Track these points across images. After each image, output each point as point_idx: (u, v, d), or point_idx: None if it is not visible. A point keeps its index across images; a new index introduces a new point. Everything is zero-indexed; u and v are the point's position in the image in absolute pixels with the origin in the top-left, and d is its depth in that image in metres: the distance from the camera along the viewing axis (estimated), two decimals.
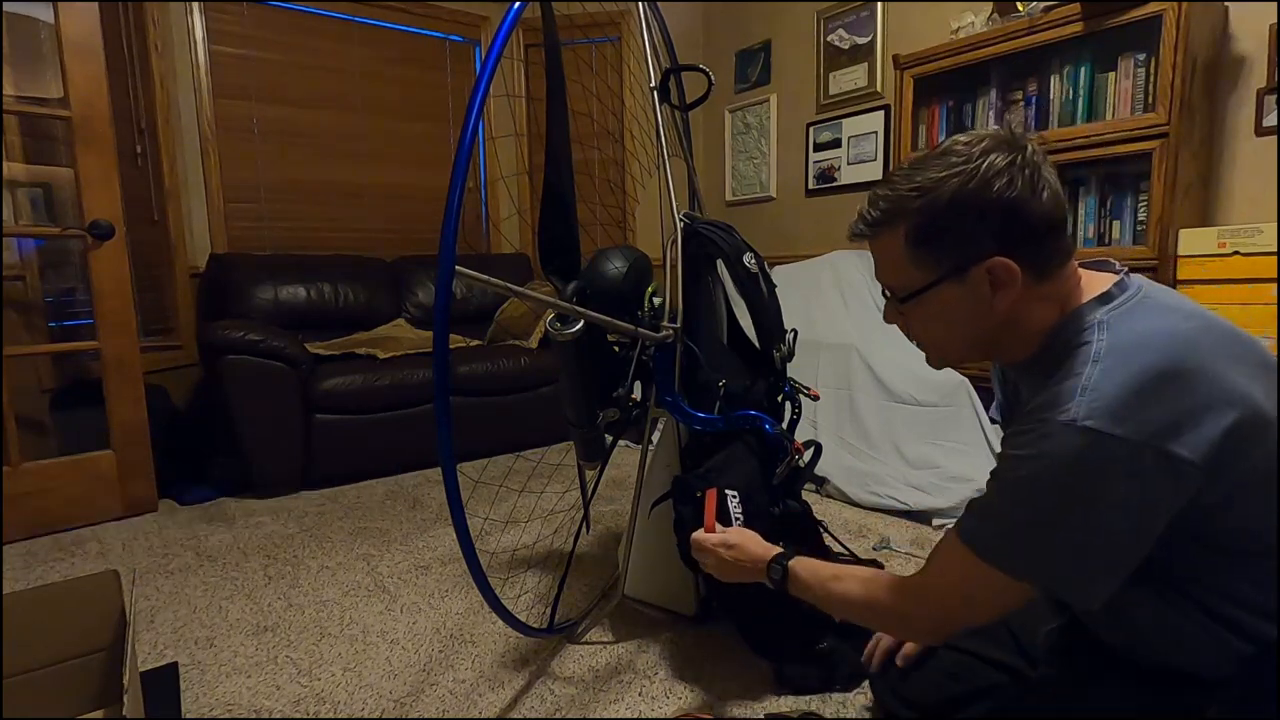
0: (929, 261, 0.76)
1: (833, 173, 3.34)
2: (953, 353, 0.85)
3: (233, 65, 3.09)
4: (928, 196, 0.73)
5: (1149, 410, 0.65)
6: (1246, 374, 0.68)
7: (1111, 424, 0.65)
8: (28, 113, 2.27)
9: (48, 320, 2.49)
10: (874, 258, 0.83)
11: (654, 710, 1.22)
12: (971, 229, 0.73)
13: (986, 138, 0.73)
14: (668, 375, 1.37)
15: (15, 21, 2.26)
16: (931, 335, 0.84)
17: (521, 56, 3.76)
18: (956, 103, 2.59)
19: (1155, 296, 0.75)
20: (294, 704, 1.26)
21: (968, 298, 0.76)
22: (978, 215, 0.72)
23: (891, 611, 0.86)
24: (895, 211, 0.76)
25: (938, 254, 0.75)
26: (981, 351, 0.83)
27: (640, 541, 1.52)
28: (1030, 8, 2.27)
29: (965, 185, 0.71)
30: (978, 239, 0.73)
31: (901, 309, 0.83)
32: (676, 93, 1.71)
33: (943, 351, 0.85)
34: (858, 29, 3.15)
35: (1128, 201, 2.19)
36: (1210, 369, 0.66)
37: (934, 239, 0.75)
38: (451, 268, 0.99)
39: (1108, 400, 0.66)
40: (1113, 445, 0.65)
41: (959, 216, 0.72)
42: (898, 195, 0.76)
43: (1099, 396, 0.66)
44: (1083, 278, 0.78)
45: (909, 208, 0.75)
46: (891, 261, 0.79)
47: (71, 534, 2.15)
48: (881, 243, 0.80)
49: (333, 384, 2.53)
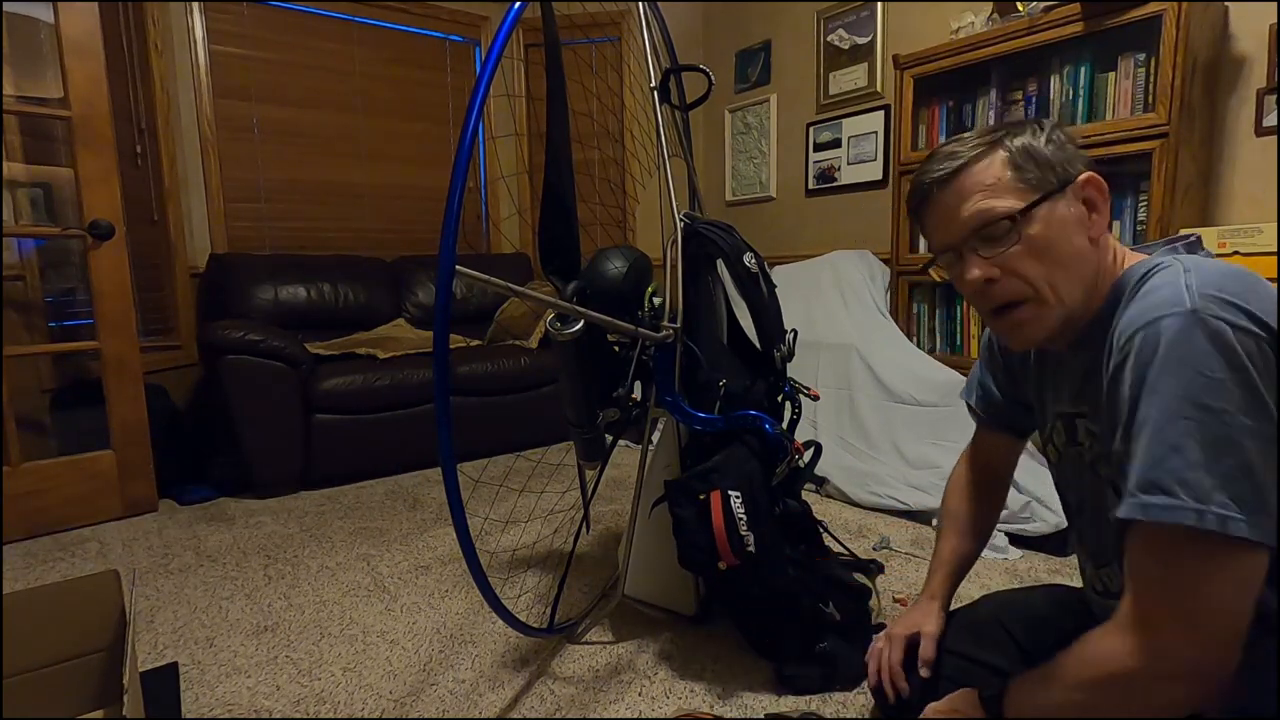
0: (1033, 180, 0.76)
1: (833, 173, 3.34)
2: (1066, 288, 0.76)
3: (233, 65, 3.09)
4: (1023, 125, 0.79)
5: (1265, 309, 0.63)
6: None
7: (1233, 314, 0.62)
8: (28, 113, 2.27)
9: (48, 320, 2.49)
10: (961, 199, 0.77)
11: (654, 710, 1.22)
12: (1065, 152, 0.77)
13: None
14: (668, 375, 1.37)
15: (15, 21, 2.26)
16: (1040, 273, 0.75)
17: (521, 56, 3.77)
18: (956, 103, 2.59)
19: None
20: (294, 704, 1.26)
21: (1068, 217, 0.76)
22: (1065, 141, 0.78)
23: (1145, 672, 0.66)
24: (991, 142, 0.78)
25: (1041, 171, 0.76)
26: (1085, 295, 0.77)
27: (640, 541, 1.52)
28: (1030, 8, 2.27)
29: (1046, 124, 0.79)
30: (1069, 161, 0.77)
31: (1006, 244, 0.75)
32: (676, 93, 1.71)
33: (1054, 285, 0.76)
34: (858, 29, 3.15)
35: (1128, 201, 2.19)
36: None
37: (1035, 158, 0.76)
38: (451, 268, 0.99)
39: (1215, 289, 0.64)
40: (1244, 335, 0.62)
41: (1052, 141, 0.77)
42: (983, 134, 0.79)
43: (1205, 283, 0.64)
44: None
45: (1001, 138, 0.77)
46: (993, 185, 0.76)
47: (71, 534, 2.15)
48: (977, 173, 0.77)
49: (333, 384, 2.53)
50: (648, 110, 1.43)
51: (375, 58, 3.47)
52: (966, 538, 1.10)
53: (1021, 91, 2.40)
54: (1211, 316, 0.63)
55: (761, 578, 1.26)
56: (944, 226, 0.80)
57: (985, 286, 0.77)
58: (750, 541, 1.21)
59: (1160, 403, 0.64)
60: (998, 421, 1.07)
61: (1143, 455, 0.65)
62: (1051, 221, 0.75)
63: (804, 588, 1.30)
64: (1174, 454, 0.63)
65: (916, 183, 0.82)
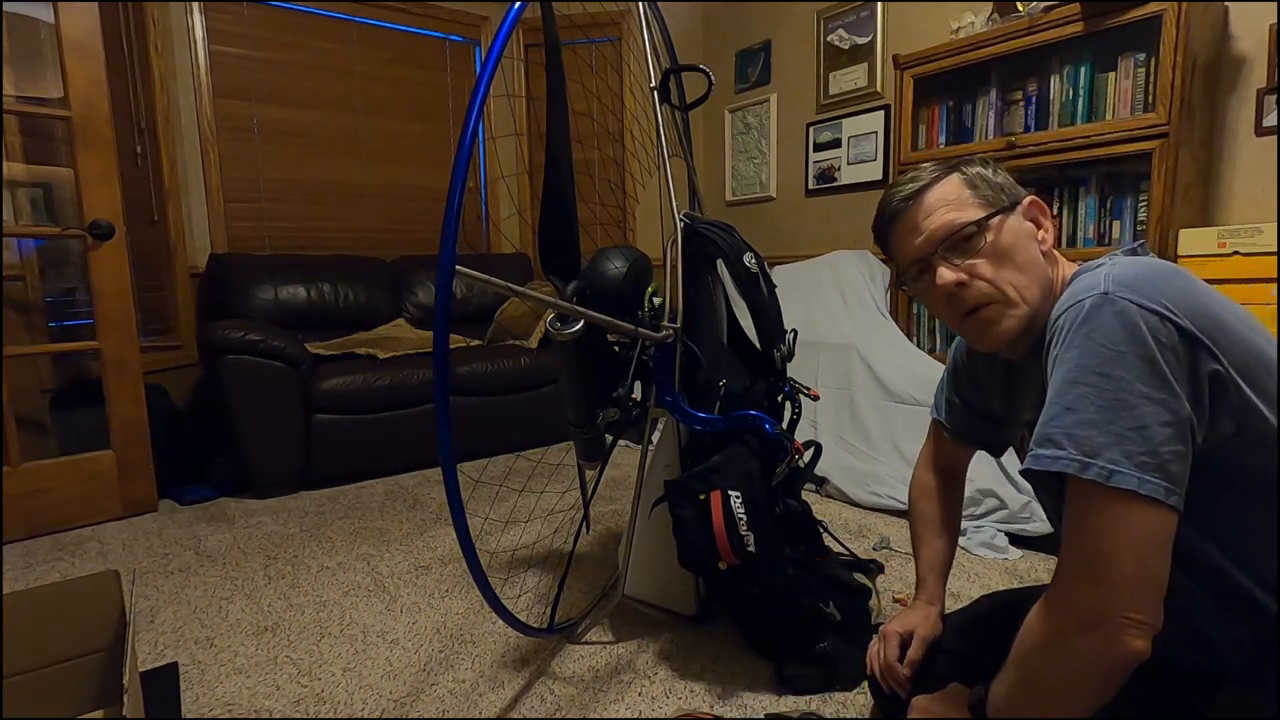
0: (987, 198, 0.85)
1: (833, 173, 3.34)
2: (1029, 291, 0.83)
3: (233, 65, 3.09)
4: (965, 161, 0.89)
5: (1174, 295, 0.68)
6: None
7: (1140, 296, 0.67)
8: (28, 113, 2.27)
9: (48, 320, 2.49)
10: (926, 214, 0.86)
11: (654, 710, 1.22)
12: (1005, 178, 0.88)
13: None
14: (668, 375, 1.37)
15: (15, 21, 2.26)
16: (1004, 277, 0.83)
17: (521, 56, 3.76)
18: (956, 103, 2.59)
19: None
20: (294, 704, 1.26)
21: (1021, 230, 0.84)
22: (1004, 174, 0.89)
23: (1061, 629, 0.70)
24: (947, 169, 0.88)
25: (991, 191, 0.86)
26: (1042, 297, 0.83)
27: (640, 541, 1.52)
28: (1030, 8, 2.27)
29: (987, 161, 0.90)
30: (1013, 186, 0.88)
31: (973, 250, 0.83)
32: (676, 93, 1.71)
33: (1017, 287, 0.83)
34: (858, 29, 3.15)
35: (1128, 201, 2.19)
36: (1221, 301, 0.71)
37: (987, 180, 0.87)
38: (451, 268, 0.99)
39: (1130, 278, 0.69)
40: (1148, 314, 0.66)
41: (996, 172, 0.88)
42: (937, 164, 0.89)
43: (1123, 273, 0.70)
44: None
45: (955, 165, 0.88)
46: (954, 201, 0.85)
47: (71, 534, 2.15)
48: (939, 191, 0.86)
49: (333, 384, 2.53)
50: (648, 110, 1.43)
51: (375, 58, 3.47)
52: (944, 537, 1.15)
53: (1021, 91, 2.40)
54: (1119, 298, 0.68)
55: (761, 578, 1.26)
56: (913, 240, 0.88)
57: (956, 290, 0.84)
58: (750, 541, 1.21)
59: (1063, 370, 0.70)
60: (964, 435, 1.13)
61: (1043, 416, 0.71)
62: (1009, 231, 0.83)
63: (804, 588, 1.30)
64: (1067, 413, 0.68)
65: (883, 207, 0.91)
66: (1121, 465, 0.65)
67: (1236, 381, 0.67)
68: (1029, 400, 0.91)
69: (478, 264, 1.37)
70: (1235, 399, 0.67)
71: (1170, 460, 0.65)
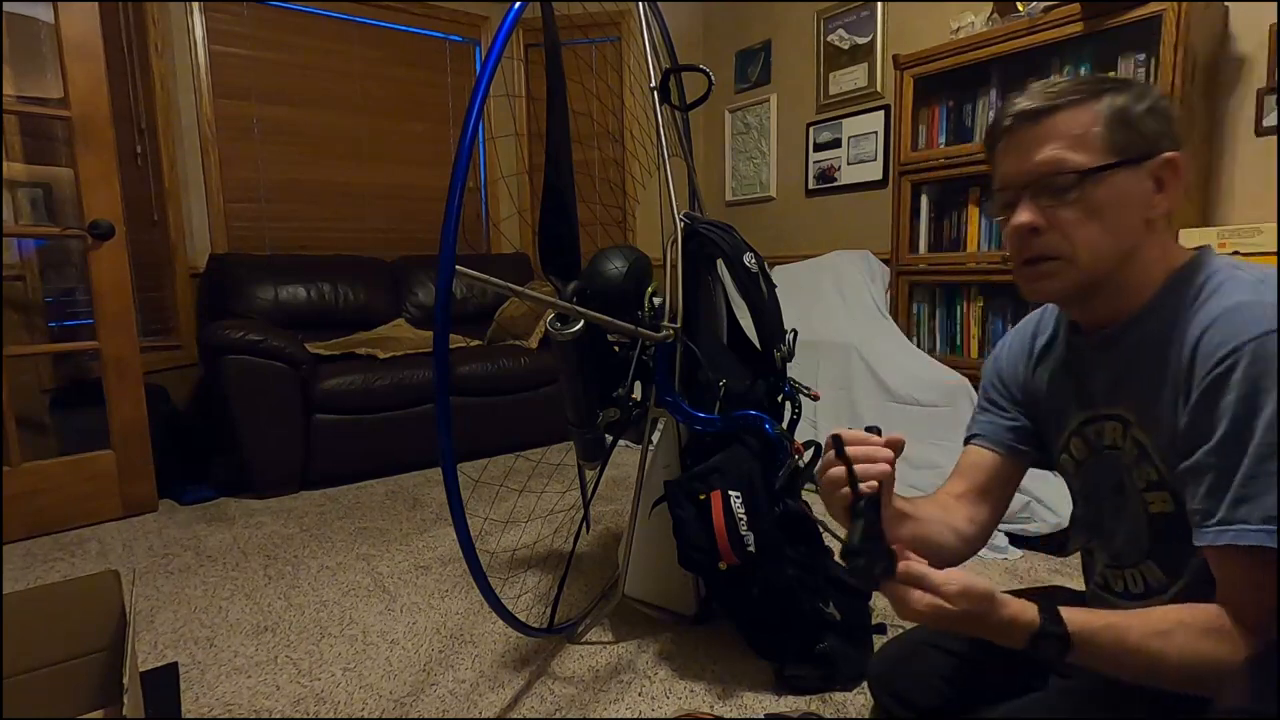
0: (1118, 142, 0.74)
1: (833, 173, 3.34)
2: (1102, 256, 0.75)
3: (233, 65, 3.09)
4: (1131, 85, 0.75)
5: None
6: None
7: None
8: (28, 113, 2.27)
9: (48, 320, 2.49)
10: (1039, 141, 0.75)
11: (654, 710, 1.22)
12: (1161, 125, 0.75)
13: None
14: (668, 375, 1.37)
15: (15, 21, 2.26)
16: (1083, 234, 0.75)
17: (521, 56, 3.76)
18: (956, 103, 2.59)
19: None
20: (294, 704, 1.26)
21: (1135, 190, 0.74)
22: (1166, 117, 0.75)
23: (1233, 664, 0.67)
24: (1096, 90, 0.75)
25: (1130, 136, 0.74)
26: (1116, 265, 0.76)
27: (640, 541, 1.51)
28: (1030, 8, 2.27)
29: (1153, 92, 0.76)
30: (1161, 136, 0.75)
31: (1064, 199, 0.74)
32: (676, 93, 1.71)
33: (1093, 250, 0.75)
34: (858, 29, 3.15)
35: None
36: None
37: (1133, 122, 0.74)
38: (451, 268, 0.99)
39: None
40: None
41: (1153, 111, 0.75)
42: (1087, 80, 0.76)
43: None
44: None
45: (1102, 90, 0.74)
46: (1079, 135, 0.74)
47: (71, 534, 2.14)
48: (1068, 116, 0.74)
49: (333, 384, 2.53)
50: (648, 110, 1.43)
51: (375, 58, 3.47)
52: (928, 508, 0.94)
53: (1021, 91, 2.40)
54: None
55: (761, 578, 1.26)
56: (1014, 163, 0.78)
57: (1029, 234, 0.77)
58: (750, 541, 1.22)
59: (1251, 429, 0.65)
60: (1001, 448, 0.97)
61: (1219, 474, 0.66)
62: (1115, 189, 0.74)
63: (804, 588, 1.30)
64: (1255, 479, 0.64)
65: (1004, 112, 0.79)
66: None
67: None
68: (1095, 395, 0.84)
69: (478, 264, 1.37)
70: None
71: None
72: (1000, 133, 0.80)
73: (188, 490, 2.46)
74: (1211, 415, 0.68)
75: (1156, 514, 0.78)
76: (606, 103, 3.84)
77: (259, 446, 2.42)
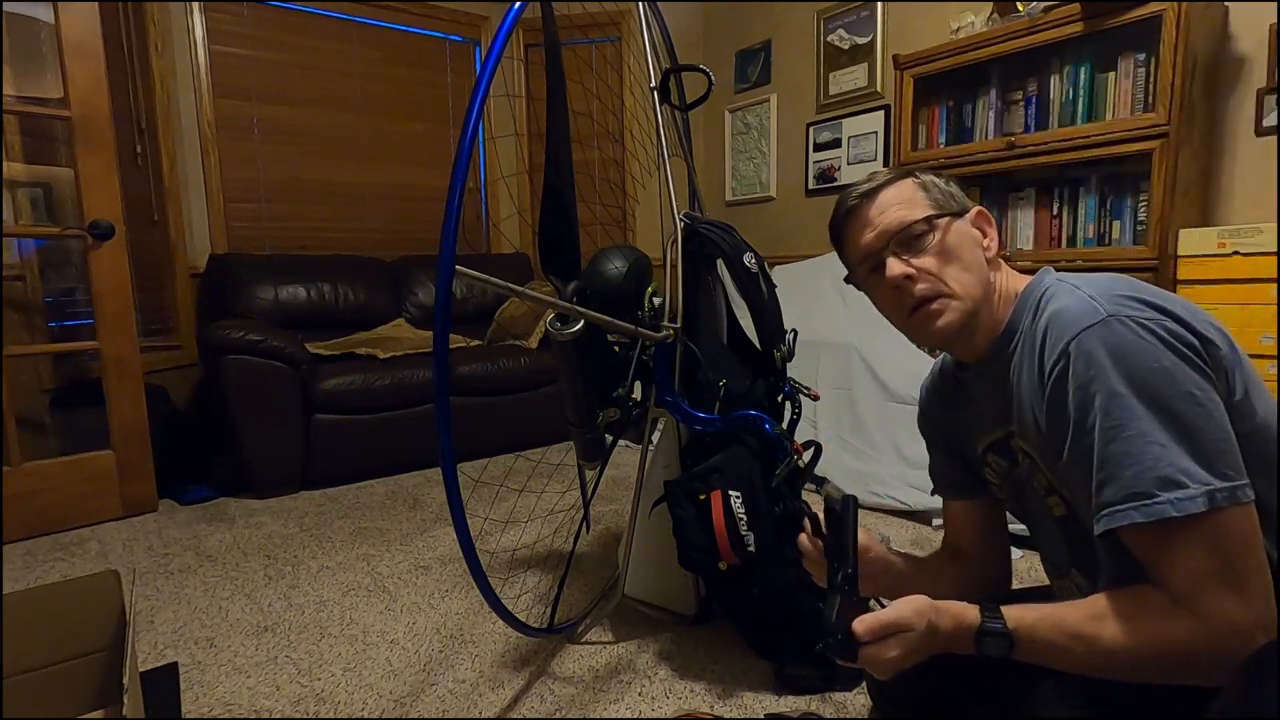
0: (938, 201, 0.88)
1: (833, 173, 3.34)
2: (971, 287, 0.85)
3: (233, 65, 3.09)
4: (918, 169, 0.91)
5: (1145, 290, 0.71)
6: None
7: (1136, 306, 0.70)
8: (28, 113, 2.27)
9: (48, 320, 2.49)
10: (879, 211, 0.88)
11: (654, 710, 1.22)
12: (957, 190, 0.91)
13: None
14: (668, 375, 1.37)
15: (15, 21, 2.26)
16: (950, 273, 0.86)
17: (521, 56, 3.77)
18: (956, 103, 2.59)
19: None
20: (294, 704, 1.26)
21: (969, 234, 0.88)
22: (956, 186, 0.92)
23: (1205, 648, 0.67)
24: (903, 174, 0.90)
25: (942, 198, 0.89)
26: (984, 296, 0.86)
27: (640, 541, 1.51)
28: (1030, 8, 2.27)
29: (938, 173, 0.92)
30: (963, 197, 0.91)
31: (922, 247, 0.86)
32: (676, 93, 1.71)
33: (962, 284, 0.85)
34: (858, 29, 3.15)
35: (1128, 201, 2.19)
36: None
37: (939, 188, 0.90)
38: (451, 268, 0.99)
39: (1108, 292, 0.72)
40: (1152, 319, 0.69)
41: (947, 182, 0.91)
42: (891, 170, 0.92)
43: (1102, 291, 0.72)
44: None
45: (909, 171, 0.91)
46: (907, 200, 0.88)
47: (71, 534, 2.15)
48: (892, 191, 0.89)
49: (333, 384, 2.53)
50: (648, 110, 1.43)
51: (375, 58, 3.47)
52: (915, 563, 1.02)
53: (1021, 91, 2.40)
54: (1125, 315, 0.69)
55: (761, 578, 1.26)
56: (866, 235, 0.90)
57: (905, 283, 0.86)
58: (750, 541, 1.21)
59: (1125, 406, 0.68)
60: (956, 490, 1.03)
61: (1135, 459, 0.68)
62: (957, 233, 0.87)
63: (804, 588, 1.30)
64: (1161, 449, 0.67)
65: (838, 205, 0.93)
66: (1235, 479, 0.66)
67: (1238, 360, 0.70)
68: (988, 419, 0.89)
69: (478, 264, 1.37)
70: (1240, 375, 0.70)
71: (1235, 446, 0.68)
72: (845, 216, 0.92)
73: (188, 490, 2.46)
74: (1063, 414, 0.73)
75: (1060, 517, 0.83)
76: (606, 103, 3.84)
77: (259, 446, 2.42)
